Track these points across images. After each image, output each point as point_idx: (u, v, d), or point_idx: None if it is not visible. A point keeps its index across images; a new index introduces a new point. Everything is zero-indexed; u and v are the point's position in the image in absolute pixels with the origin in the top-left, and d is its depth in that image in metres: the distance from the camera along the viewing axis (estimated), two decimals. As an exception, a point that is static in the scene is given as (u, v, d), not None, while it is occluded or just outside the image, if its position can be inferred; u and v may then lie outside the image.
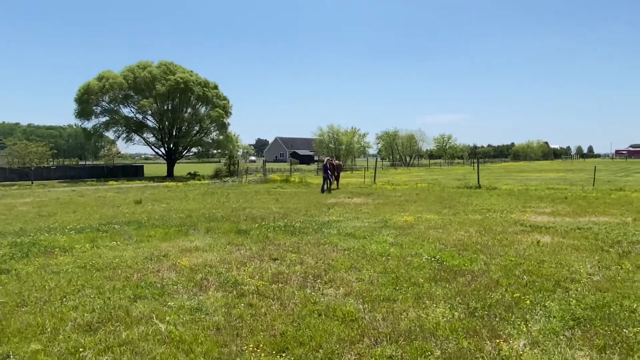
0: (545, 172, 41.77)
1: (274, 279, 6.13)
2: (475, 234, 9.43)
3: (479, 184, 22.70)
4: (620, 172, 40.37)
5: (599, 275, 6.21)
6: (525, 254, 7.49)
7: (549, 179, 30.68)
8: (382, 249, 7.90)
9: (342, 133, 65.87)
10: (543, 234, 9.39)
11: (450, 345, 4.03)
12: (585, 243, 8.33)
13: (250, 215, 12.70)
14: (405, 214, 12.59)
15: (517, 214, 12.52)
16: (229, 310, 4.99)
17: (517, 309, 4.88)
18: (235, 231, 9.89)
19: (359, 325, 4.48)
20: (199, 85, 39.87)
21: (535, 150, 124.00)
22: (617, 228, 9.93)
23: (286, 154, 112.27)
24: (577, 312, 4.76)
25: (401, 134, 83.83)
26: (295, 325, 4.51)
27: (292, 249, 8.07)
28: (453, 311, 4.86)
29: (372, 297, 5.36)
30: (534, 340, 4.10)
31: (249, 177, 32.81)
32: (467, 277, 6.14)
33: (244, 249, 8.13)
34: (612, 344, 4.00)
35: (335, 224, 10.86)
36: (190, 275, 6.40)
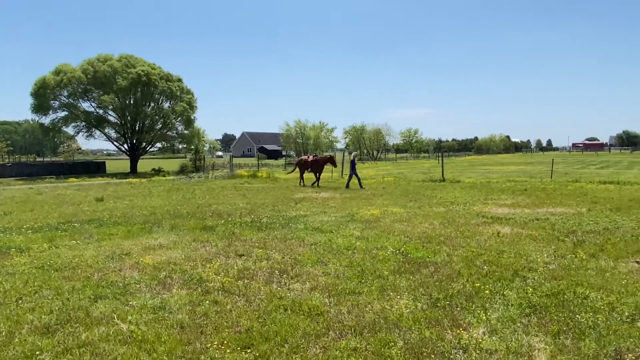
0: (506, 165, 43.12)
1: (240, 275, 6.09)
2: (439, 226, 9.64)
3: (443, 178, 23.20)
4: (576, 164, 42.14)
5: (554, 264, 6.48)
6: (486, 245, 7.73)
7: (510, 171, 31.69)
8: (349, 243, 7.97)
9: (310, 128, 65.98)
10: (503, 225, 9.70)
11: (412, 335, 4.12)
12: (543, 233, 8.66)
13: (217, 211, 12.55)
14: (371, 208, 12.74)
15: (479, 206, 12.89)
16: (194, 307, 4.93)
17: (477, 299, 5.04)
18: (201, 228, 9.75)
19: (324, 319, 4.52)
20: (162, 78, 38.90)
21: (498, 143, 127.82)
22: (572, 218, 10.37)
23: (254, 149, 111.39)
24: (534, 299, 4.95)
25: (368, 129, 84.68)
26: (260, 321, 4.50)
27: (258, 244, 8.03)
28: (416, 302, 4.97)
29: (337, 290, 5.40)
30: (492, 328, 4.25)
31: (215, 173, 32.37)
32: (431, 269, 6.28)
33: (209, 245, 8.03)
34: (565, 330, 4.18)
35: (303, 219, 10.87)
36: (153, 273, 6.28)
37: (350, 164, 20.97)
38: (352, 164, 20.68)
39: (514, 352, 3.76)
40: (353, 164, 20.63)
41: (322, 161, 22.12)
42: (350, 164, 20.75)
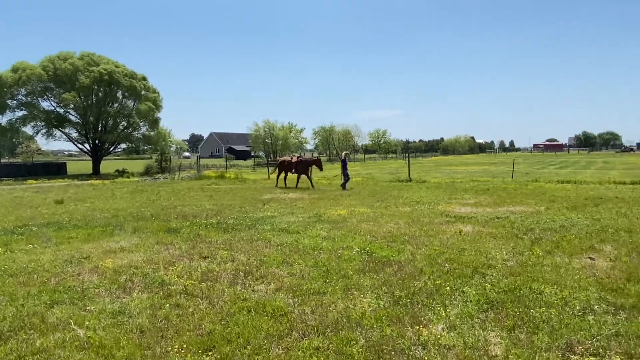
0: (471, 166, 44.24)
1: (204, 278, 6.01)
2: (404, 226, 9.80)
3: (409, 178, 23.60)
4: (537, 164, 43.67)
5: (512, 260, 6.70)
6: (448, 243, 7.91)
7: (474, 171, 32.53)
8: (315, 243, 8.00)
9: (279, 128, 65.73)
10: (465, 223, 9.95)
11: (374, 333, 4.18)
12: (503, 231, 8.94)
13: (182, 213, 12.35)
14: (339, 208, 12.82)
15: (443, 205, 13.17)
16: (154, 311, 4.84)
17: (437, 296, 5.15)
18: (165, 230, 9.57)
19: (288, 320, 4.52)
20: (125, 77, 37.87)
21: (463, 144, 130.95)
22: (531, 216, 10.75)
23: (222, 149, 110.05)
24: (491, 295, 5.11)
25: (337, 129, 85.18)
26: (223, 323, 4.47)
27: (224, 246, 7.95)
28: (379, 300, 5.04)
29: (302, 291, 5.42)
30: (451, 324, 4.36)
31: (182, 174, 31.83)
32: (394, 267, 6.38)
33: (173, 248, 7.89)
34: (520, 324, 4.33)
35: (270, 220, 10.83)
36: (113, 277, 6.12)
37: (341, 163, 20.77)
38: (343, 163, 20.49)
39: (470, 347, 3.87)
40: (344, 163, 20.42)
41: (307, 163, 21.38)
42: (342, 164, 20.54)
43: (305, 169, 21.06)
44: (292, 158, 21.85)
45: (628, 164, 40.42)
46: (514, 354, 3.72)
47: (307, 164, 21.34)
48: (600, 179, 21.88)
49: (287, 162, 21.49)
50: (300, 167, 21.00)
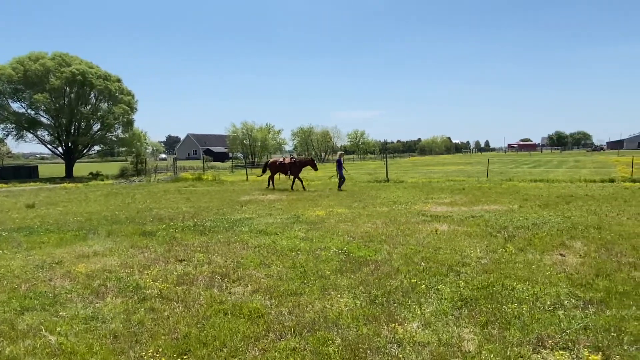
0: (447, 165, 44.88)
1: (180, 281, 5.94)
2: (382, 226, 9.88)
3: (387, 178, 23.79)
4: (511, 164, 44.59)
5: (486, 258, 6.83)
6: (424, 242, 8.01)
7: (450, 171, 33.01)
8: (293, 244, 8.00)
9: (257, 129, 65.35)
10: (441, 222, 10.10)
11: (350, 332, 4.20)
12: (477, 230, 9.10)
13: (158, 215, 12.17)
14: (317, 209, 12.84)
15: (420, 205, 13.33)
16: (129, 316, 4.76)
17: (413, 294, 5.22)
18: (140, 233, 9.41)
19: (264, 321, 4.51)
20: (99, 78, 37.09)
21: (440, 145, 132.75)
22: (505, 215, 10.97)
23: (199, 151, 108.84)
24: (465, 293, 5.20)
25: (316, 130, 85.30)
26: (199, 327, 4.43)
27: (200, 248, 7.88)
28: (356, 300, 5.08)
29: (279, 292, 5.41)
30: (426, 322, 4.42)
31: (158, 176, 31.36)
32: (371, 267, 6.43)
33: (148, 251, 7.77)
34: (492, 320, 4.43)
35: (248, 222, 10.77)
36: (86, 282, 6.00)
37: (336, 163, 20.46)
38: (338, 163, 20.20)
39: (445, 344, 3.93)
40: (339, 163, 20.14)
41: (301, 163, 20.89)
42: (337, 164, 20.26)
43: (299, 170, 20.59)
44: (285, 159, 21.23)
45: (598, 163, 41.64)
46: (487, 350, 3.80)
47: (302, 164, 20.87)
48: (571, 177, 22.49)
49: (279, 163, 20.91)
50: (295, 168, 20.51)
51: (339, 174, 19.88)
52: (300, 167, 20.70)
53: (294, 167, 20.48)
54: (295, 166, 20.53)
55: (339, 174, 19.83)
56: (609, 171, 27.35)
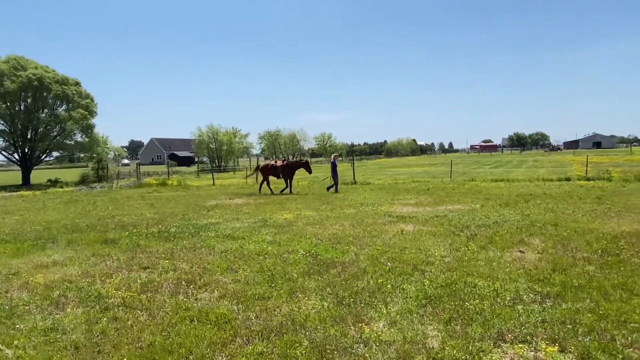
0: (412, 167, 45.71)
1: (144, 289, 5.81)
2: (349, 227, 9.97)
3: (354, 180, 24.01)
4: (473, 164, 45.85)
5: (450, 257, 7.00)
6: (390, 243, 8.14)
7: (416, 173, 33.65)
8: (260, 248, 7.96)
9: (223, 133, 64.63)
10: (407, 223, 10.28)
11: (318, 334, 4.23)
12: (441, 229, 9.32)
13: (120, 223, 11.84)
14: (285, 212, 12.82)
15: (387, 206, 13.52)
16: (90, 326, 4.62)
17: (379, 294, 5.30)
18: (102, 241, 9.14)
19: (231, 327, 4.48)
20: (57, 82, 35.75)
21: (405, 147, 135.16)
22: (467, 214, 11.28)
23: (164, 155, 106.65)
24: (430, 291, 5.32)
25: (284, 134, 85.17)
26: (164, 335, 4.35)
27: (165, 255, 7.72)
28: (323, 302, 5.11)
29: (246, 296, 5.38)
30: (392, 321, 4.50)
31: (121, 182, 30.50)
32: (339, 269, 6.48)
33: (110, 259, 7.56)
34: (455, 317, 4.55)
35: (214, 227, 10.64)
36: (45, 292, 5.78)
37: (331, 165, 20.12)
38: (332, 165, 19.90)
39: (410, 342, 4.02)
40: (334, 165, 19.84)
41: (295, 166, 20.27)
42: (332, 166, 19.95)
43: (292, 172, 20.10)
44: (277, 162, 20.52)
45: (555, 163, 43.37)
46: (450, 346, 3.91)
47: (295, 167, 20.32)
48: (530, 177, 23.35)
49: (270, 167, 20.26)
50: (287, 171, 20.00)
51: (333, 176, 19.60)
52: (293, 169, 20.23)
53: (287, 170, 20.01)
54: (288, 169, 20.05)
55: (333, 176, 19.56)
56: (565, 170, 28.52)
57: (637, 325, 4.22)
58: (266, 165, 20.70)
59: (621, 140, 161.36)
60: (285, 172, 19.95)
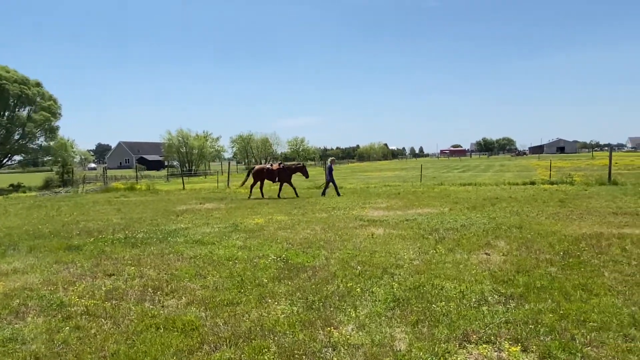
0: (384, 171, 46.21)
1: (108, 296, 5.66)
2: (320, 231, 9.98)
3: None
4: (443, 169, 46.73)
5: (418, 259, 7.11)
6: (361, 246, 8.20)
7: (387, 177, 34.05)
8: (230, 254, 7.88)
9: (193, 137, 63.77)
10: (378, 226, 10.38)
11: (287, 339, 4.22)
12: (411, 232, 9.45)
13: (85, 228, 11.51)
14: (256, 217, 12.74)
15: (358, 210, 13.62)
16: (52, 335, 4.47)
17: (349, 297, 5.33)
18: (65, 248, 8.85)
19: (199, 334, 4.41)
20: (15, 82, 34.52)
21: (377, 151, 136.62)
22: (436, 217, 11.48)
23: (132, 159, 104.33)
24: (398, 294, 5.39)
25: (256, 137, 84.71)
26: (129, 343, 4.25)
27: (131, 262, 7.54)
28: (293, 306, 5.10)
29: (215, 303, 5.31)
30: (361, 324, 4.53)
31: (87, 187, 29.66)
32: (309, 273, 6.48)
33: (74, 266, 7.33)
34: (423, 319, 4.62)
35: (183, 232, 10.47)
36: (4, 301, 5.55)
37: (327, 169, 19.84)
38: (329, 169, 19.64)
39: (377, 344, 4.05)
40: (330, 169, 19.61)
41: (290, 170, 19.84)
42: (328, 170, 19.70)
43: (289, 176, 19.69)
44: (273, 165, 20.02)
45: (521, 167, 44.68)
46: (417, 348, 3.96)
47: (291, 171, 19.86)
48: (496, 180, 23.96)
49: (266, 170, 19.70)
50: (284, 174, 19.56)
51: (329, 180, 19.43)
52: (290, 173, 19.83)
53: (283, 173, 19.59)
54: (284, 172, 19.62)
55: (330, 180, 19.41)
56: (530, 174, 29.43)
57: (596, 325, 4.38)
58: (261, 169, 20.12)
59: (583, 145, 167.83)
60: (281, 176, 19.59)
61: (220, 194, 22.20)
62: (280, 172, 19.56)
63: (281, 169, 19.65)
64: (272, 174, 19.58)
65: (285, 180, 19.68)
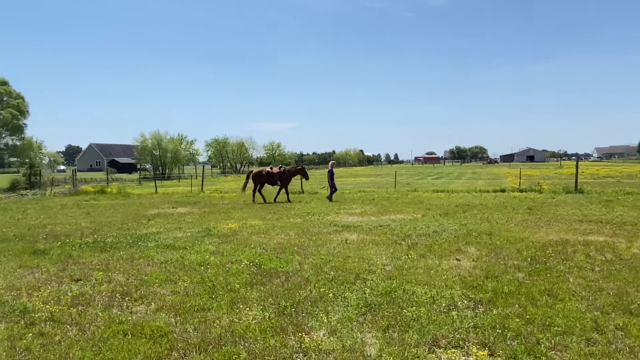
0: (359, 177, 46.51)
1: (74, 302, 5.51)
2: (295, 237, 9.97)
3: (302, 190, 24.09)
4: (417, 175, 47.36)
5: (391, 265, 7.18)
6: (335, 252, 8.22)
7: (362, 183, 34.28)
8: (202, 259, 7.78)
9: (168, 140, 62.80)
10: (351, 232, 10.44)
11: (257, 345, 4.19)
12: (384, 238, 9.54)
13: (52, 232, 11.17)
14: (230, 222, 12.62)
15: (333, 215, 13.66)
16: (13, 343, 4.32)
17: (321, 303, 5.33)
18: (30, 252, 8.57)
19: (168, 340, 4.34)
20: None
21: (353, 157, 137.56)
22: (409, 223, 11.61)
23: (103, 162, 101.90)
24: (370, 299, 5.43)
25: (231, 142, 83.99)
26: (95, 350, 4.14)
27: (99, 266, 7.36)
28: (264, 312, 5.07)
29: (185, 308, 5.23)
30: (332, 329, 4.54)
31: (55, 189, 28.81)
32: (282, 278, 6.46)
33: (39, 271, 7.10)
34: (393, 324, 4.66)
35: (154, 236, 10.28)
36: (-38, 309, 5.33)
37: (328, 174, 19.64)
38: (330, 174, 19.45)
39: (348, 350, 4.07)
40: (331, 174, 19.42)
41: (291, 173, 19.68)
42: (329, 174, 19.51)
43: (289, 179, 19.48)
44: (273, 169, 19.63)
45: (492, 175, 45.69)
46: (387, 352, 4.00)
47: (292, 174, 19.68)
48: (468, 188, 24.41)
49: (266, 173, 19.34)
50: (285, 178, 19.34)
51: (330, 184, 19.32)
52: (290, 176, 19.65)
53: (284, 177, 19.35)
54: (285, 175, 19.39)
55: (330, 184, 19.29)
56: (500, 182, 30.11)
57: (560, 329, 4.51)
58: (260, 172, 19.73)
59: (552, 154, 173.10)
60: (282, 179, 19.37)
61: (193, 198, 21.90)
62: (282, 175, 19.37)
63: (282, 172, 19.44)
64: (273, 177, 19.37)
65: (285, 184, 19.48)
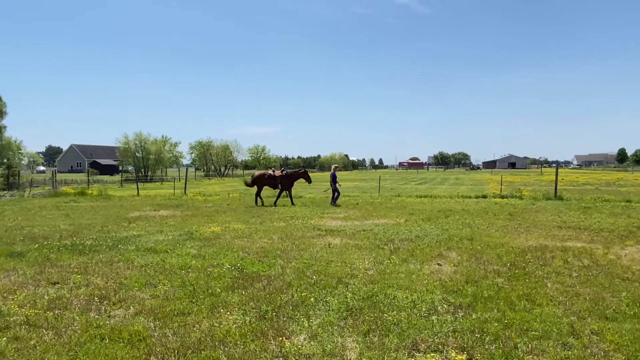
0: (344, 182, 46.50)
1: (51, 306, 5.40)
2: (278, 241, 9.94)
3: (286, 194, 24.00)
4: (400, 180, 47.69)
5: (373, 269, 7.21)
6: (317, 256, 8.22)
7: (347, 187, 34.38)
8: (183, 262, 7.70)
9: (151, 142, 62.10)
10: (335, 236, 10.45)
11: (237, 350, 4.16)
12: (367, 242, 9.57)
13: (30, 234, 10.94)
14: (213, 225, 12.53)
15: (316, 219, 13.67)
16: (-14, 348, 4.21)
17: (302, 307, 5.33)
18: (7, 254, 8.38)
19: (146, 344, 4.28)
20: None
21: (338, 161, 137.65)
22: (392, 228, 11.68)
23: (85, 163, 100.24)
24: (352, 303, 5.44)
25: (216, 144, 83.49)
26: (71, 355, 4.06)
27: (78, 269, 7.23)
28: (245, 316, 5.04)
29: (165, 312, 5.17)
30: (313, 334, 4.54)
31: (34, 191, 28.25)
32: (264, 282, 6.43)
33: (15, 274, 6.95)
34: (374, 328, 4.68)
35: (135, 239, 10.14)
36: None
37: (331, 177, 19.54)
38: (332, 177, 19.35)
39: (328, 354, 4.07)
40: (334, 177, 19.31)
41: (294, 176, 19.57)
42: (332, 178, 19.39)
43: (291, 183, 19.38)
44: (275, 172, 19.62)
45: (474, 181, 46.26)
46: (367, 357, 4.01)
47: (294, 177, 19.58)
48: (451, 193, 24.68)
49: (268, 176, 19.31)
50: (287, 181, 19.24)
51: (333, 188, 19.23)
52: (293, 180, 19.50)
53: (286, 180, 19.23)
54: (287, 179, 19.27)
55: (333, 188, 19.21)
56: (482, 188, 30.50)
57: (538, 333, 4.58)
58: (262, 175, 19.64)
59: (533, 161, 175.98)
60: (284, 182, 19.30)
61: (176, 200, 21.69)
62: (283, 178, 19.30)
63: (284, 176, 19.38)
64: (274, 180, 19.28)
65: (287, 187, 19.40)
